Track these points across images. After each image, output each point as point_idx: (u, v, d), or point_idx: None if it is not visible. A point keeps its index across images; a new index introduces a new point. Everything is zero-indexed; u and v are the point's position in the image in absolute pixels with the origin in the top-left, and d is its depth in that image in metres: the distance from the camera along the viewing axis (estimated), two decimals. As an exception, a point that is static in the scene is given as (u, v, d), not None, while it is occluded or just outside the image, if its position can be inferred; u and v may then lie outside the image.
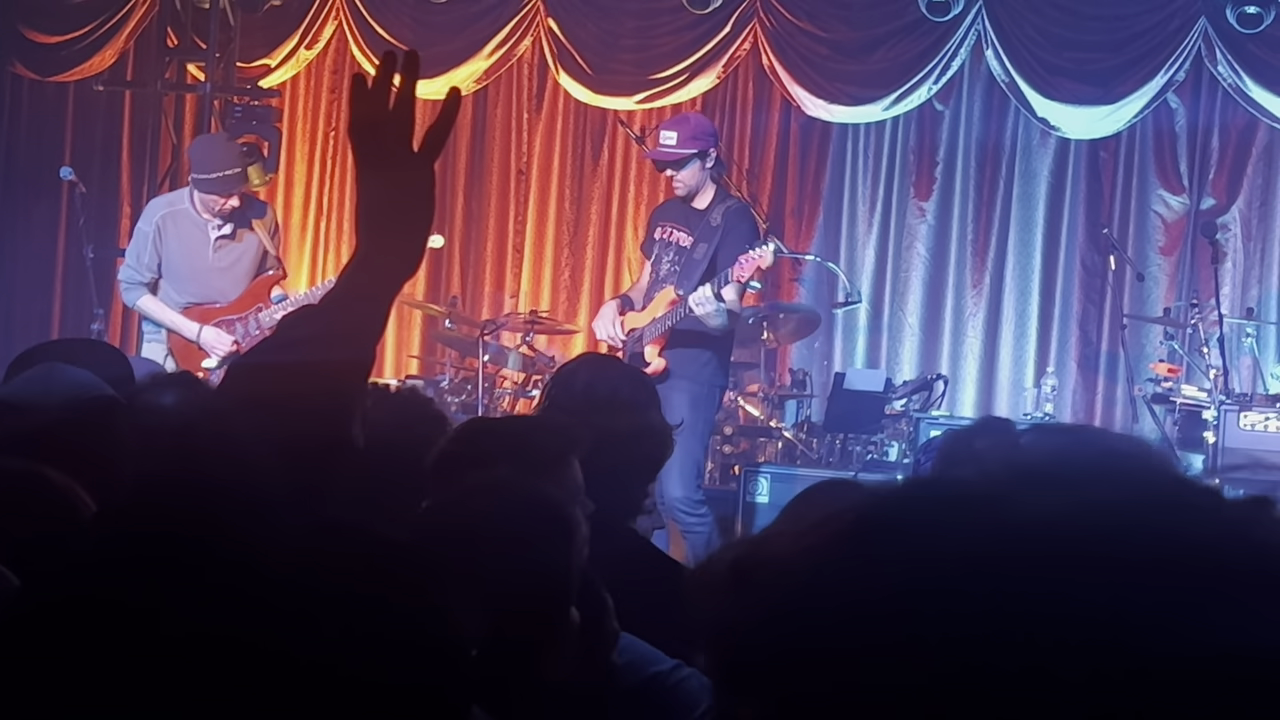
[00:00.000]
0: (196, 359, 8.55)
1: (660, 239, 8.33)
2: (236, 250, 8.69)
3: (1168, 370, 10.06)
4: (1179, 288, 11.37)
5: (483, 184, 12.51)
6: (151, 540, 1.15)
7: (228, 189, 8.54)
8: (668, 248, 8.28)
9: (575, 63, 11.95)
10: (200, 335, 8.55)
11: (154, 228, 8.65)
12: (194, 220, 8.63)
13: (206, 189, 8.53)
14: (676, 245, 8.23)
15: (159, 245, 8.64)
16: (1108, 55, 11.31)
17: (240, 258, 8.70)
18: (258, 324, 8.63)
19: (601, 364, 4.20)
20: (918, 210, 11.92)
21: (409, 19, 12.11)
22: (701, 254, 8.09)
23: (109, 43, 12.00)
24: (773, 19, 11.73)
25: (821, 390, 11.11)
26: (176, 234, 8.63)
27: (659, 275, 8.29)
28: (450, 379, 10.62)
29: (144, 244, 8.68)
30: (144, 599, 1.10)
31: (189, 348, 8.58)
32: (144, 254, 8.67)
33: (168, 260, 8.65)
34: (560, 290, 12.36)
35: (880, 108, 11.66)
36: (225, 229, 8.63)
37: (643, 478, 3.79)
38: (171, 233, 8.64)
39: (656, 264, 8.33)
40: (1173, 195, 11.54)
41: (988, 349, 11.77)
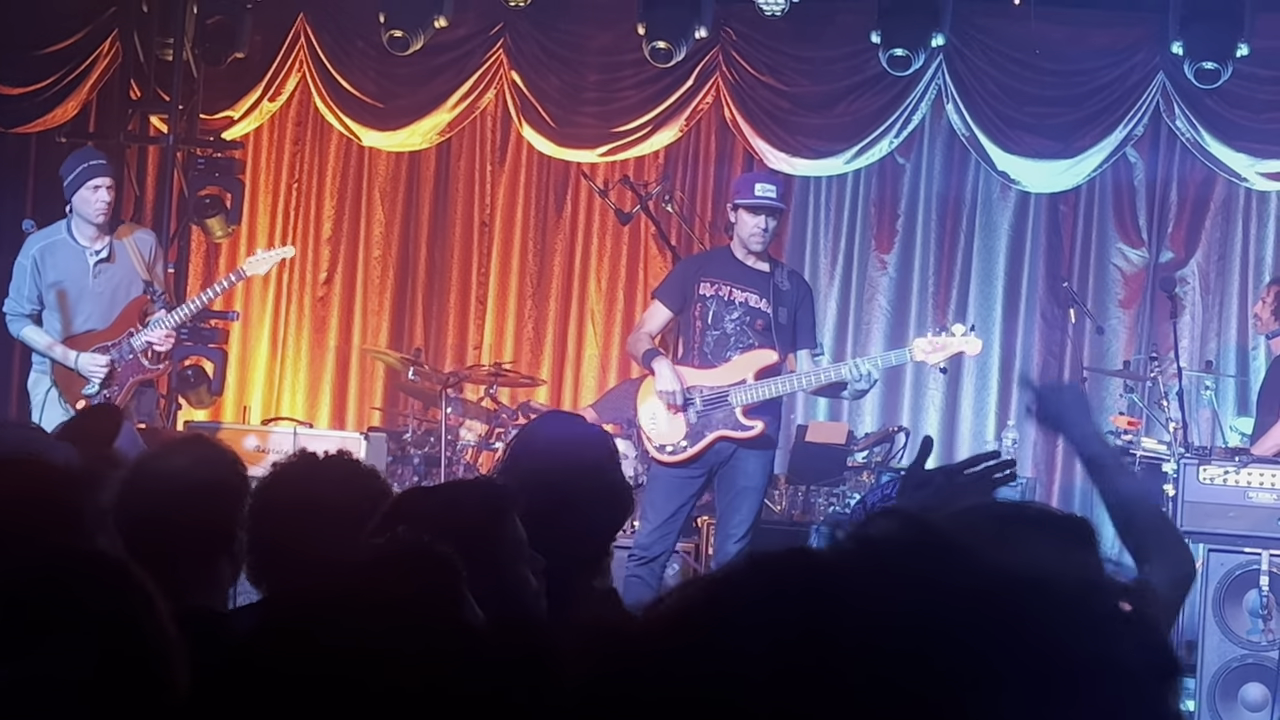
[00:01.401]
0: (77, 385, 8.77)
1: (715, 295, 8.24)
2: (114, 273, 8.91)
3: (1128, 423, 10.10)
4: (1138, 340, 11.44)
5: (446, 235, 12.52)
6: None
7: (91, 176, 8.79)
8: (729, 306, 8.21)
9: (538, 115, 11.98)
10: (77, 361, 8.75)
11: (31, 261, 8.91)
12: (71, 248, 8.87)
13: (78, 185, 8.77)
14: (745, 305, 8.18)
15: (38, 278, 8.85)
16: (1067, 110, 11.39)
17: (119, 282, 8.94)
18: (130, 347, 8.81)
19: (563, 422, 4.20)
20: (879, 262, 11.98)
21: (373, 72, 12.14)
22: (786, 318, 8.17)
23: (72, 94, 11.98)
24: (735, 73, 11.79)
25: (784, 442, 11.11)
26: (55, 264, 8.86)
27: (726, 334, 8.21)
28: (413, 431, 10.61)
29: (22, 277, 8.89)
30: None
31: (70, 375, 8.80)
32: (24, 286, 8.87)
33: (48, 291, 8.82)
34: (524, 342, 12.37)
35: (842, 161, 11.73)
36: (102, 251, 8.81)
37: (604, 536, 3.79)
38: (50, 264, 8.87)
39: (716, 324, 8.23)
40: (1132, 249, 11.62)
41: (949, 401, 11.81)
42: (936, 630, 0.94)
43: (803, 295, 8.29)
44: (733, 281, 8.22)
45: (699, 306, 8.26)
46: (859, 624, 0.94)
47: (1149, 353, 10.63)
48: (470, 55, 12.08)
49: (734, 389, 8.08)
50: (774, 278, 8.21)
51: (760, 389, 8.07)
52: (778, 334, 8.11)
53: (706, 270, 8.36)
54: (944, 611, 0.95)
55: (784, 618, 0.96)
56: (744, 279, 8.20)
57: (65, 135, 12.09)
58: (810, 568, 0.99)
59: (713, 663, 0.95)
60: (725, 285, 8.22)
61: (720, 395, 8.11)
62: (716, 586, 1.00)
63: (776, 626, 0.95)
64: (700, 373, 8.18)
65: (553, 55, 12.09)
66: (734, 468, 8.13)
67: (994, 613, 0.96)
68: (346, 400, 12.48)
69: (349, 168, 12.61)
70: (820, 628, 0.94)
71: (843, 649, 0.93)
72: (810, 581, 0.97)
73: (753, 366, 8.10)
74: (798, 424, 11.30)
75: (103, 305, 8.85)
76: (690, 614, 0.99)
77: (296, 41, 12.15)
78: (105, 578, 2.32)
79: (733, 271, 8.24)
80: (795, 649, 0.94)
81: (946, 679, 0.93)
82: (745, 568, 1.03)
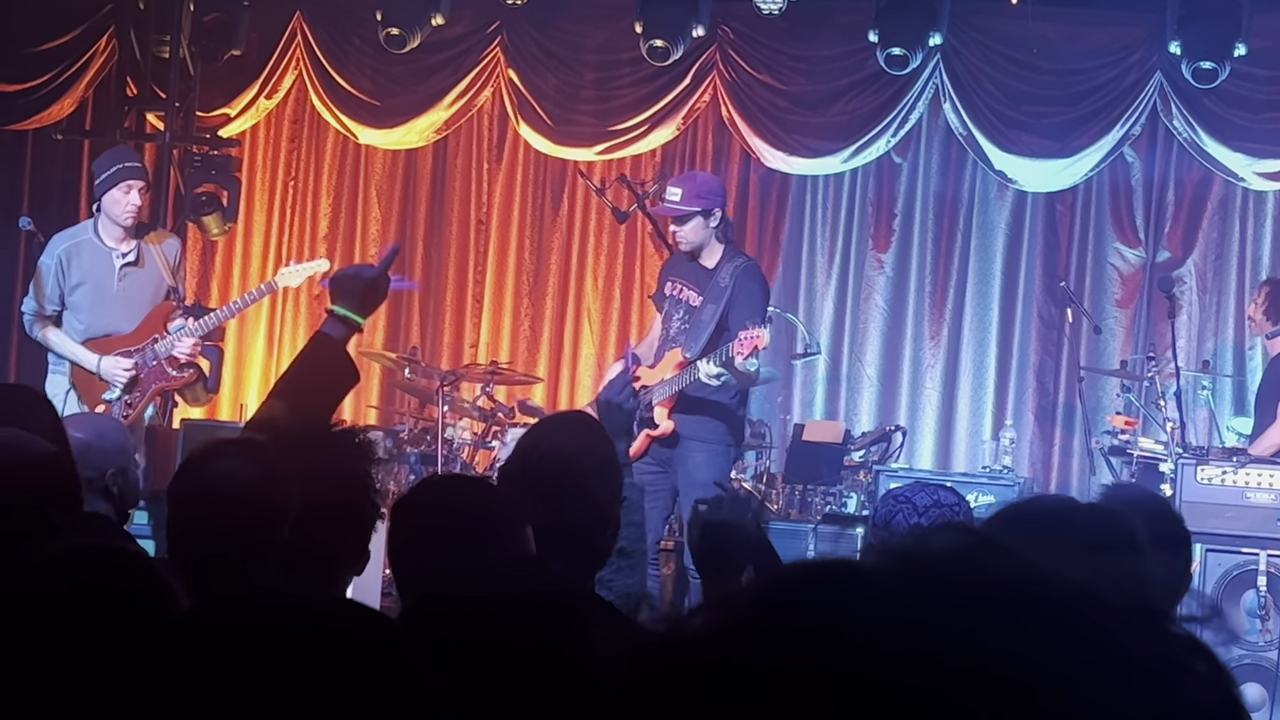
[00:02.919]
0: (98, 390, 8.58)
1: (670, 295, 8.35)
2: (140, 277, 8.69)
3: (1125, 423, 10.10)
4: (1135, 340, 11.43)
5: (442, 234, 12.52)
6: None
7: (125, 178, 8.57)
8: (677, 305, 8.30)
9: (535, 113, 11.98)
10: (100, 365, 8.56)
11: (56, 261, 8.67)
12: (98, 249, 8.65)
13: (110, 185, 8.56)
14: (686, 304, 8.26)
15: (61, 278, 8.65)
16: (1064, 109, 11.39)
17: (143, 285, 8.71)
18: (154, 354, 8.64)
19: (567, 423, 4.19)
20: (876, 262, 11.97)
21: (369, 69, 12.13)
22: (709, 315, 8.12)
23: (68, 92, 11.97)
24: (732, 71, 11.78)
25: (780, 442, 11.13)
26: (80, 265, 8.65)
27: (669, 333, 8.32)
28: (409, 429, 10.60)
29: (46, 277, 8.70)
30: None
31: (90, 379, 8.60)
32: (47, 287, 8.69)
33: (72, 292, 8.64)
34: (520, 340, 12.36)
35: (839, 160, 11.72)
36: (129, 254, 8.63)
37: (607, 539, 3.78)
38: (75, 264, 8.65)
39: (667, 320, 8.37)
40: (1129, 248, 11.62)
41: (946, 400, 11.81)
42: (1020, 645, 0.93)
43: (738, 291, 8.14)
44: (684, 280, 8.35)
45: (666, 307, 8.43)
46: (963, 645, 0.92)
47: (1146, 352, 10.63)
48: (467, 53, 12.07)
49: (656, 387, 8.18)
50: (717, 275, 8.21)
51: (671, 385, 8.13)
52: (693, 332, 8.16)
53: (671, 271, 8.54)
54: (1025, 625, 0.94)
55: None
56: (691, 277, 8.31)
57: (61, 132, 12.09)
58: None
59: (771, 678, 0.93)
60: (679, 284, 8.37)
61: (647, 393, 8.20)
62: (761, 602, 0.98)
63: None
64: (648, 372, 8.31)
65: (550, 54, 12.08)
66: (678, 465, 8.16)
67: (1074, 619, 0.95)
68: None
69: (345, 165, 12.60)
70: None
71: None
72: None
73: (670, 365, 8.18)
74: (794, 423, 11.30)
75: (127, 309, 8.65)
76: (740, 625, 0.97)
77: (293, 39, 12.14)
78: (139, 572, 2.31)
79: (685, 270, 8.38)
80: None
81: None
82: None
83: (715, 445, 8.17)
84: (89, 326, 8.62)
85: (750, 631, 0.95)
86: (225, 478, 3.28)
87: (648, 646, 0.97)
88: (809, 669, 0.92)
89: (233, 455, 3.35)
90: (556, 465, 3.77)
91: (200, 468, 3.37)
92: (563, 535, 3.58)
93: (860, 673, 0.91)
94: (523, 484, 3.70)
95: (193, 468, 3.42)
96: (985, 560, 0.97)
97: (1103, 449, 10.27)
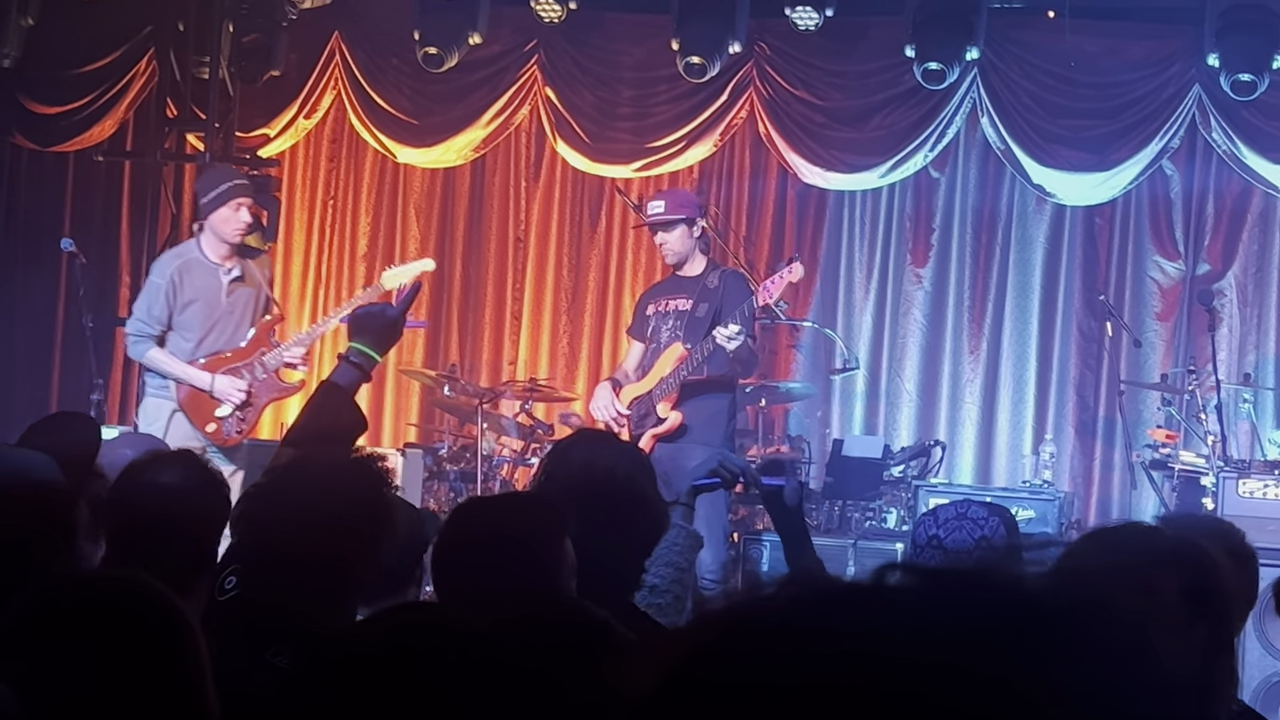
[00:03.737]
0: (208, 409, 8.52)
1: (654, 313, 8.48)
2: (246, 294, 8.71)
3: (1165, 436, 10.06)
4: (1176, 353, 11.38)
5: (481, 252, 12.55)
6: None
7: (235, 196, 8.57)
8: (665, 318, 8.41)
9: (573, 131, 12.01)
10: (214, 384, 8.52)
11: (168, 280, 8.59)
12: (205, 267, 8.61)
13: (219, 204, 8.53)
14: (675, 311, 8.36)
15: (172, 297, 8.58)
16: (1103, 122, 11.37)
17: (248, 301, 8.72)
18: (263, 367, 8.64)
19: (599, 440, 4.20)
20: (914, 276, 11.95)
21: (407, 89, 12.18)
22: (704, 312, 8.24)
23: (109, 113, 12.06)
24: (769, 87, 11.79)
25: (820, 457, 11.11)
26: (191, 283, 8.59)
27: (660, 343, 8.40)
28: (449, 447, 10.62)
29: (156, 296, 8.60)
30: None
31: (200, 398, 8.54)
32: (155, 306, 8.58)
33: (181, 310, 8.61)
34: (559, 357, 12.38)
35: (876, 175, 11.72)
36: (235, 271, 8.64)
37: (639, 554, 3.78)
38: (186, 283, 8.59)
39: (655, 335, 8.44)
40: (1168, 261, 11.58)
41: (985, 415, 11.78)
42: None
43: (729, 289, 8.30)
44: (667, 295, 8.50)
45: (649, 328, 8.50)
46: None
47: (1187, 366, 10.58)
48: (504, 71, 12.11)
49: (655, 388, 8.30)
50: (704, 278, 8.38)
51: (673, 380, 8.23)
52: (689, 328, 8.25)
53: (652, 295, 8.71)
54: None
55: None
56: (676, 288, 8.47)
57: (102, 154, 12.17)
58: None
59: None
60: (662, 300, 8.50)
61: (646, 399, 8.31)
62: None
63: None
64: (636, 385, 8.41)
65: (587, 71, 12.11)
66: (677, 470, 8.16)
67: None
68: (382, 416, 12.50)
69: (384, 184, 12.65)
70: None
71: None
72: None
73: (668, 364, 8.28)
74: (834, 438, 11.29)
75: (233, 326, 8.64)
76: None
77: (331, 59, 12.20)
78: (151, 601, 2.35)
79: (668, 286, 8.59)
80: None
81: None
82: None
83: (715, 443, 8.19)
84: (199, 345, 8.61)
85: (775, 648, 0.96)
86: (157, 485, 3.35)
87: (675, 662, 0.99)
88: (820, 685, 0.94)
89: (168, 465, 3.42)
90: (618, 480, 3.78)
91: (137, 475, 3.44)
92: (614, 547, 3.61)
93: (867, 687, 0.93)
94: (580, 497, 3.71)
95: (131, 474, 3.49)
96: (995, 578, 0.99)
97: (1144, 463, 10.23)
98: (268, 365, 8.63)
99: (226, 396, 8.50)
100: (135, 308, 8.81)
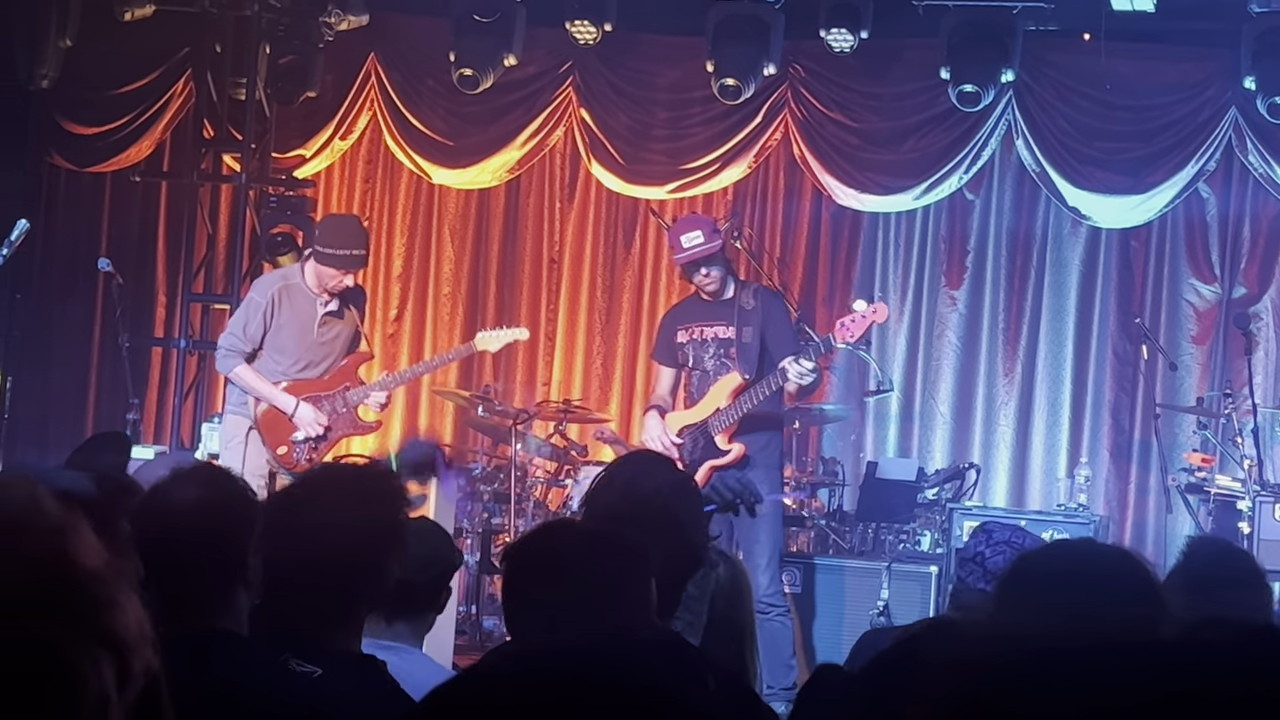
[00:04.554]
0: (285, 432, 8.62)
1: (690, 340, 8.43)
2: (338, 327, 8.79)
3: (1201, 460, 10.01)
4: (1212, 377, 11.33)
5: (515, 273, 12.56)
6: None
7: (351, 266, 8.64)
8: (704, 345, 8.36)
9: (607, 152, 12.02)
10: (297, 410, 8.61)
11: (269, 300, 8.69)
12: (305, 295, 8.71)
13: (332, 263, 8.60)
14: (716, 339, 8.30)
15: (269, 317, 8.67)
16: (1138, 145, 11.34)
17: (340, 334, 8.79)
18: (345, 402, 8.74)
19: (647, 463, 4.18)
20: (949, 299, 11.93)
21: (442, 110, 12.21)
22: (751, 337, 8.21)
23: (146, 134, 12.12)
24: (804, 109, 11.79)
25: (854, 479, 11.09)
26: (290, 307, 8.69)
27: (705, 371, 8.35)
28: (483, 467, 10.63)
29: (254, 314, 8.72)
30: None
31: (278, 419, 8.62)
32: (251, 324, 8.70)
33: (276, 331, 8.69)
34: (592, 379, 12.38)
35: (911, 197, 11.70)
36: (332, 305, 8.71)
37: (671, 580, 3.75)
38: (286, 305, 8.69)
39: (697, 364, 8.39)
40: (1204, 284, 11.53)
41: (1020, 438, 11.74)
42: None
43: (769, 310, 8.32)
44: (700, 321, 8.43)
45: (681, 354, 8.47)
46: None
47: (1223, 389, 10.53)
48: (540, 93, 12.13)
49: (712, 419, 8.24)
50: (739, 301, 8.33)
51: (733, 411, 8.19)
52: (744, 355, 8.22)
53: (679, 318, 8.62)
54: None
55: None
56: (710, 314, 8.39)
57: (139, 174, 12.23)
58: None
59: None
60: (695, 326, 8.43)
61: (702, 428, 8.25)
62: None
63: None
64: (685, 414, 8.39)
65: (621, 93, 12.13)
66: None
67: None
68: (417, 437, 12.52)
69: (419, 205, 12.68)
70: None
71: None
72: None
73: (724, 393, 8.25)
74: (868, 460, 11.26)
75: (322, 356, 8.76)
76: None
77: (367, 80, 12.24)
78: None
79: (699, 311, 8.47)
80: None
81: None
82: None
83: (774, 470, 8.29)
84: (288, 369, 8.68)
85: None
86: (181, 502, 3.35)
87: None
88: None
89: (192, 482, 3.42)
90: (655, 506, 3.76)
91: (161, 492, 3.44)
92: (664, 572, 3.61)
93: None
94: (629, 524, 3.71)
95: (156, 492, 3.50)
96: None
97: (1179, 486, 10.19)
98: (349, 401, 8.74)
99: (306, 425, 8.61)
100: (231, 323, 8.95)
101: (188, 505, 3.35)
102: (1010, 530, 4.38)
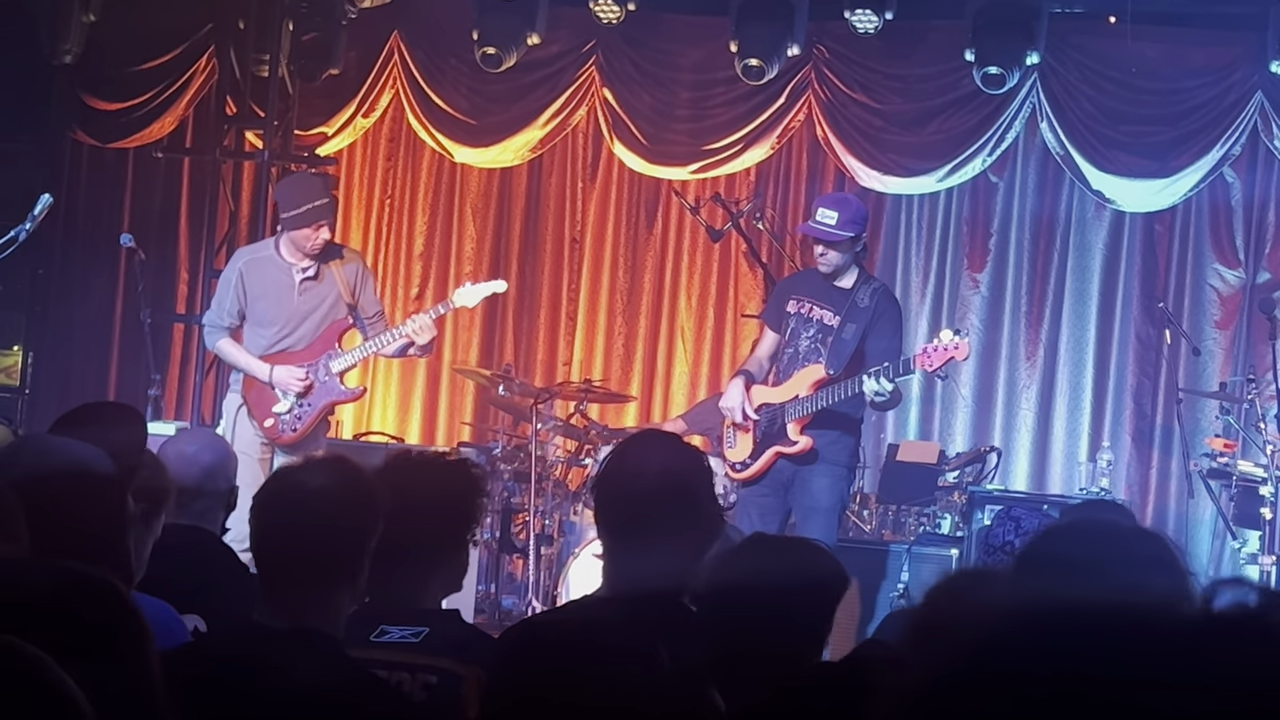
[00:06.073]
0: (268, 403, 8.53)
1: (797, 313, 8.17)
2: (319, 292, 8.65)
3: (1224, 445, 9.98)
4: (1235, 362, 11.30)
5: (537, 252, 12.56)
6: None
7: (318, 218, 8.54)
8: (807, 323, 8.13)
9: (630, 133, 12.00)
10: (272, 375, 8.54)
11: (236, 274, 8.66)
12: (278, 265, 8.61)
13: (299, 223, 8.50)
14: (820, 322, 8.10)
15: (240, 292, 8.64)
16: (1163, 129, 11.29)
17: (323, 303, 8.68)
18: (327, 369, 8.61)
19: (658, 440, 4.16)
20: (971, 281, 11.90)
21: (465, 88, 12.21)
22: (851, 334, 8.00)
23: (169, 110, 12.12)
24: (827, 91, 11.76)
25: (874, 461, 11.08)
26: (260, 280, 8.61)
27: (798, 351, 8.15)
28: (503, 446, 10.63)
29: (225, 290, 8.71)
30: None
31: (262, 392, 8.56)
32: (225, 300, 8.69)
33: (253, 305, 8.65)
34: (613, 359, 12.38)
35: (934, 179, 11.67)
36: (309, 270, 8.63)
37: (690, 554, 3.74)
38: (255, 279, 8.61)
39: (793, 339, 8.17)
40: (1228, 269, 11.49)
41: (1041, 421, 11.71)
42: None
43: (880, 313, 8.08)
44: (814, 299, 8.16)
45: (785, 324, 8.23)
46: None
47: (1246, 374, 10.49)
48: (562, 72, 12.12)
49: (789, 405, 8.06)
50: (855, 294, 8.09)
51: (809, 403, 8.01)
52: (836, 349, 8.01)
53: (796, 289, 8.33)
54: None
55: None
56: (825, 296, 8.12)
57: (162, 150, 12.24)
58: None
59: None
60: (808, 303, 8.17)
61: (778, 411, 8.10)
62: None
63: None
64: (770, 390, 8.18)
65: (645, 73, 12.10)
66: (800, 489, 8.06)
67: None
68: (437, 415, 12.54)
69: (441, 184, 12.68)
70: None
71: None
72: None
73: (806, 382, 8.04)
74: (889, 443, 11.25)
75: (303, 324, 8.64)
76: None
77: (390, 58, 12.23)
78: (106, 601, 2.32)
79: (816, 289, 8.18)
80: None
81: None
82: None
83: (840, 468, 8.10)
84: (271, 341, 8.63)
85: None
86: (309, 490, 3.29)
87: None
88: None
89: (322, 471, 3.36)
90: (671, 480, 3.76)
91: (288, 479, 3.40)
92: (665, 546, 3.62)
93: None
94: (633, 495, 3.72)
95: (281, 478, 3.47)
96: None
97: (1201, 472, 10.16)
98: (332, 368, 8.63)
99: (284, 386, 8.51)
100: (213, 300, 8.94)
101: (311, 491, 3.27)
102: (1039, 517, 4.36)
